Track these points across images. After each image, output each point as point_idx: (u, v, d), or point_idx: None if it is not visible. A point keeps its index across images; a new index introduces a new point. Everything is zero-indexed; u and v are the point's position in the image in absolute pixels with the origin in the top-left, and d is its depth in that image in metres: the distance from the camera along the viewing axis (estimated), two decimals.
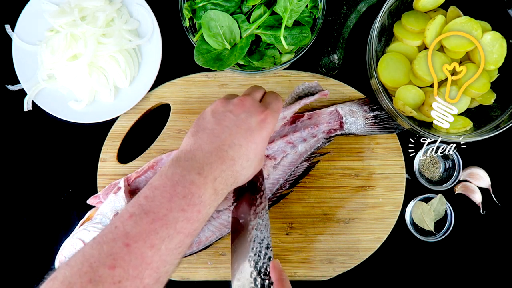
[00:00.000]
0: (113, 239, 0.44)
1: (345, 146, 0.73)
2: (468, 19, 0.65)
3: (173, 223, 0.45)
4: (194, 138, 0.51)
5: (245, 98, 0.54)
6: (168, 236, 0.45)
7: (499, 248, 0.74)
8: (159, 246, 0.44)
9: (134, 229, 0.44)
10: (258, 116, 0.53)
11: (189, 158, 0.49)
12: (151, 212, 0.45)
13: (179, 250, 0.46)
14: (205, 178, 0.48)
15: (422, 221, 0.72)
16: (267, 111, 0.54)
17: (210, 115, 0.53)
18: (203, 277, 0.71)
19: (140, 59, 0.73)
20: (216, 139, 0.51)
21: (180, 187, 0.47)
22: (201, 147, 0.50)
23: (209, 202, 0.48)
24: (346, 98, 0.73)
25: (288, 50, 0.67)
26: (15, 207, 0.74)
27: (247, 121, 0.52)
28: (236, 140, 0.51)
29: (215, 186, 0.49)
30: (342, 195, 0.72)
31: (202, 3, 0.65)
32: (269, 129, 0.53)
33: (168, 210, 0.45)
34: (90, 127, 0.74)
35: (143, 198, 0.47)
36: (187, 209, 0.46)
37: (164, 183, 0.47)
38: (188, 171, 0.48)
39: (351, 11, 0.73)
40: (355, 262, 0.72)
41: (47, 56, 0.70)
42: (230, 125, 0.52)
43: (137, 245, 0.43)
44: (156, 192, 0.47)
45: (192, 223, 0.47)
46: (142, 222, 0.44)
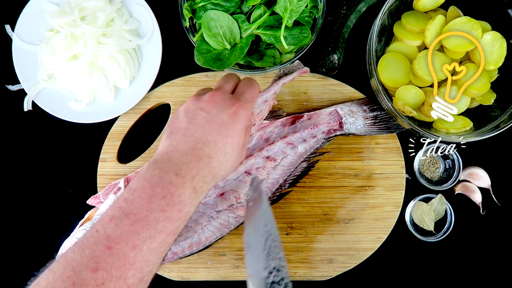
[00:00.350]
0: (95, 242, 0.44)
1: (345, 146, 0.73)
2: (468, 19, 0.65)
3: (154, 223, 0.46)
4: (169, 139, 0.52)
5: (214, 93, 0.54)
6: (149, 237, 0.45)
7: (499, 248, 0.74)
8: (141, 246, 0.45)
9: (115, 232, 0.45)
10: (229, 109, 0.52)
11: (166, 159, 0.50)
12: (131, 213, 0.46)
13: (161, 249, 0.47)
14: (183, 178, 0.48)
15: (422, 221, 0.72)
16: (238, 103, 0.53)
17: (182, 115, 0.53)
18: (203, 277, 0.71)
19: (140, 59, 0.73)
20: (191, 138, 0.51)
21: (159, 188, 0.47)
22: (176, 148, 0.51)
23: (189, 200, 0.49)
24: (346, 98, 0.73)
25: (288, 50, 0.67)
26: (15, 207, 0.74)
27: (218, 116, 0.52)
28: (210, 137, 0.51)
29: (194, 184, 0.49)
30: (342, 195, 0.72)
31: (202, 3, 0.65)
32: (243, 120, 0.53)
33: (148, 211, 0.46)
34: (90, 127, 0.74)
35: (122, 201, 0.47)
36: (167, 209, 0.47)
37: (143, 185, 0.48)
38: (166, 172, 0.48)
39: (351, 11, 0.73)
40: (355, 262, 0.72)
41: (47, 56, 0.70)
42: (202, 122, 0.52)
43: (119, 246, 0.44)
44: (135, 194, 0.47)
45: (173, 222, 0.47)
46: (122, 224, 0.45)
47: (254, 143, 0.70)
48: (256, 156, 0.69)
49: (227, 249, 0.72)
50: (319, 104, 0.73)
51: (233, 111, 0.52)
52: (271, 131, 0.71)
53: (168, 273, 0.71)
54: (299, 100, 0.73)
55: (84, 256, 0.43)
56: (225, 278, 0.71)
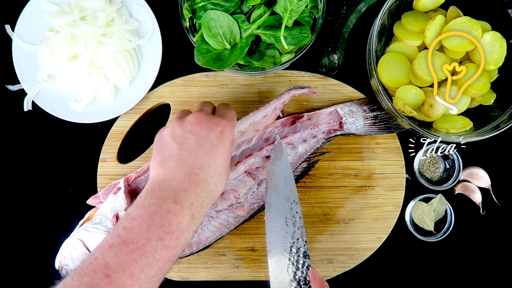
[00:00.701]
0: (93, 270, 0.45)
1: (345, 146, 0.73)
2: (468, 19, 0.65)
3: (152, 252, 0.46)
4: (164, 167, 0.52)
5: (199, 114, 0.54)
6: (147, 265, 0.46)
7: (499, 248, 0.74)
8: (139, 275, 0.45)
9: (113, 260, 0.45)
10: (216, 129, 0.53)
11: (164, 188, 0.50)
12: (130, 242, 0.46)
13: (158, 277, 0.48)
14: (181, 206, 0.49)
15: (422, 221, 0.72)
16: (223, 121, 0.54)
17: (170, 140, 0.53)
18: (203, 277, 0.71)
19: (140, 59, 0.73)
20: (185, 165, 0.51)
21: (157, 217, 0.48)
22: (172, 175, 0.51)
23: (186, 227, 0.49)
24: (346, 98, 0.73)
25: (288, 50, 0.67)
26: (15, 207, 0.74)
27: (208, 137, 0.52)
28: (204, 161, 0.51)
29: (192, 211, 0.50)
30: (342, 195, 0.72)
31: (202, 3, 0.65)
32: (229, 138, 0.54)
33: (146, 239, 0.46)
34: (90, 127, 0.73)
35: (122, 229, 0.47)
36: (165, 238, 0.47)
37: (141, 214, 0.48)
38: (164, 201, 0.49)
39: (351, 11, 0.73)
40: (355, 262, 0.72)
41: (47, 56, 0.70)
42: (193, 146, 0.52)
43: (117, 275, 0.44)
44: (134, 223, 0.47)
45: (170, 250, 0.48)
46: (121, 252, 0.46)
47: (254, 143, 0.70)
48: (256, 155, 0.69)
49: (227, 249, 0.72)
50: (319, 104, 0.73)
51: (220, 130, 0.53)
52: (271, 131, 0.71)
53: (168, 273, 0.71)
54: (299, 100, 0.73)
55: (83, 284, 0.44)
56: (225, 278, 0.71)
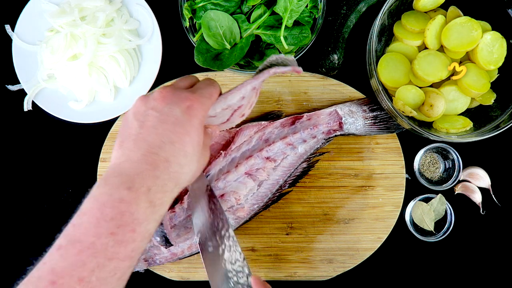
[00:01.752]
0: (39, 277, 0.41)
1: (345, 146, 0.73)
2: (468, 19, 0.65)
3: (102, 250, 0.40)
4: (121, 149, 0.46)
5: (165, 89, 0.47)
6: (98, 266, 0.40)
7: (499, 248, 0.74)
8: (89, 278, 0.40)
9: (59, 264, 0.40)
10: (182, 104, 0.46)
11: (118, 173, 0.43)
12: (77, 241, 0.41)
13: (116, 276, 0.41)
14: (136, 192, 0.42)
15: (422, 221, 0.72)
16: (192, 96, 0.47)
17: (132, 119, 0.47)
18: (203, 277, 0.71)
19: (140, 59, 0.73)
20: (143, 144, 0.44)
21: (107, 208, 0.41)
22: (128, 157, 0.44)
23: (144, 217, 0.43)
24: (346, 98, 0.73)
25: (288, 50, 0.67)
26: (15, 207, 0.74)
27: (171, 113, 0.45)
28: (165, 138, 0.44)
29: (150, 198, 0.43)
30: (342, 195, 0.72)
31: (202, 3, 0.65)
32: (199, 115, 0.46)
33: (95, 236, 0.41)
34: (90, 127, 0.74)
35: (70, 226, 0.43)
36: (117, 232, 0.41)
37: (91, 207, 0.42)
38: (116, 188, 0.42)
39: (351, 11, 0.73)
40: (355, 262, 0.72)
41: (47, 56, 0.70)
42: (154, 123, 0.45)
43: (63, 281, 0.39)
44: (84, 218, 0.42)
45: (126, 245, 0.41)
46: (68, 254, 0.41)
47: (253, 144, 0.70)
48: (256, 157, 0.69)
49: None
50: (319, 104, 0.73)
51: (187, 106, 0.46)
52: (271, 132, 0.71)
53: (168, 273, 0.71)
54: (299, 100, 0.73)
55: None
56: None
